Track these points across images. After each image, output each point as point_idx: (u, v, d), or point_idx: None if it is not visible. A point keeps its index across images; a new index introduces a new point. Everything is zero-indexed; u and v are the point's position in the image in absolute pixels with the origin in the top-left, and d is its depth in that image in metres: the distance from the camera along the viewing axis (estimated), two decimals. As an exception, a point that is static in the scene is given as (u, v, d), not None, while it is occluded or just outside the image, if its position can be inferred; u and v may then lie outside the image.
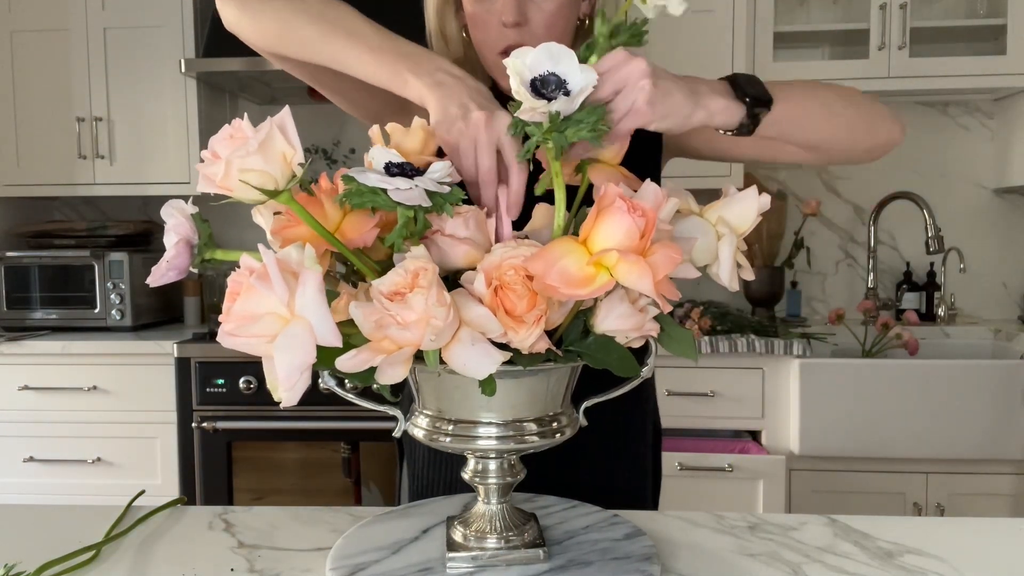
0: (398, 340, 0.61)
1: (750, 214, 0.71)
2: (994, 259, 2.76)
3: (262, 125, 0.66)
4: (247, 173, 0.65)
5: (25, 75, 2.67)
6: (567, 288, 0.61)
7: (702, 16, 2.45)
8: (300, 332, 0.59)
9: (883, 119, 0.93)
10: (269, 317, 0.60)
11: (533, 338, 0.63)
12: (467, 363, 0.62)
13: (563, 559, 0.76)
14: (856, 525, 0.89)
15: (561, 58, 0.64)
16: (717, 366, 2.23)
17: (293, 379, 0.59)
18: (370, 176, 0.62)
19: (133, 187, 2.66)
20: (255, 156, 0.64)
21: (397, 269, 0.62)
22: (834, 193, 2.80)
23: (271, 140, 0.65)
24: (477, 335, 0.62)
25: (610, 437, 1.05)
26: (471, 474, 0.77)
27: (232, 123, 0.67)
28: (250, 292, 0.60)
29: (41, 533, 0.91)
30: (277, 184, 0.66)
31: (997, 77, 2.43)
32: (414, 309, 0.60)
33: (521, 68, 0.64)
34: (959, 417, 2.11)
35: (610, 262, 0.61)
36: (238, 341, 0.61)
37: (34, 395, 2.45)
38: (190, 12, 2.58)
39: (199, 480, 2.37)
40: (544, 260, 0.62)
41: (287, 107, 0.69)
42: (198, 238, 0.71)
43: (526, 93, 0.63)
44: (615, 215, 0.62)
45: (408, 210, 0.64)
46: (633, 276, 0.60)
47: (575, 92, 0.64)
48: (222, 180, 0.66)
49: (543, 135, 0.65)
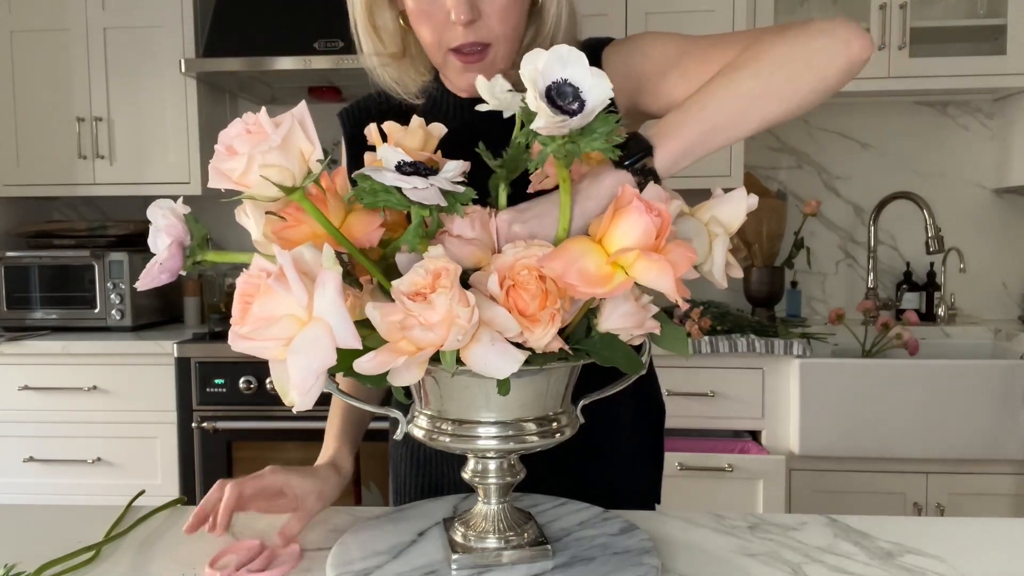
0: (421, 341, 0.60)
1: (740, 214, 0.72)
2: (994, 259, 2.76)
3: (282, 119, 0.64)
4: (268, 169, 0.63)
5: (25, 75, 2.67)
6: (586, 287, 0.61)
7: (702, 16, 2.45)
8: (319, 334, 0.58)
9: (824, 51, 0.78)
10: (287, 319, 0.58)
11: (549, 337, 0.63)
12: (487, 363, 0.61)
13: (566, 556, 0.76)
14: (856, 525, 0.89)
15: (570, 61, 0.63)
16: (717, 366, 2.23)
17: (309, 383, 0.58)
18: (387, 175, 0.62)
19: (133, 187, 2.66)
20: (276, 152, 0.62)
21: (416, 269, 0.61)
22: (834, 193, 2.80)
23: (292, 135, 0.64)
24: (496, 335, 0.62)
25: (597, 434, 1.04)
26: (471, 474, 0.77)
27: (244, 118, 0.65)
28: (268, 294, 0.59)
29: (41, 533, 0.91)
30: (295, 181, 0.64)
31: (997, 77, 2.43)
32: (438, 310, 0.59)
33: (535, 75, 0.62)
34: (959, 417, 2.11)
35: (627, 261, 0.61)
36: (253, 345, 0.59)
37: (34, 395, 2.45)
38: (190, 12, 2.57)
39: (199, 480, 2.37)
40: (563, 259, 0.62)
41: (303, 102, 0.67)
42: (190, 239, 0.69)
43: (546, 108, 0.61)
44: (633, 215, 0.62)
45: (424, 210, 0.64)
46: (652, 275, 0.60)
47: (592, 106, 0.62)
48: (240, 176, 0.63)
49: (559, 148, 0.64)
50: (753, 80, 0.76)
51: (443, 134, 0.78)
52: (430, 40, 0.93)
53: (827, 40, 0.78)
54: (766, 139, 2.79)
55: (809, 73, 0.77)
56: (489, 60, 0.92)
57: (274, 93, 2.79)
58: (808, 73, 0.77)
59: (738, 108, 0.76)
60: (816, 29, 0.79)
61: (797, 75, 0.77)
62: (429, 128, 0.77)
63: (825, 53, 0.77)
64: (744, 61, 0.78)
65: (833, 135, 2.79)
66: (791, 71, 0.77)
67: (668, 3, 2.46)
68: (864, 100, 2.74)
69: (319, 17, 2.44)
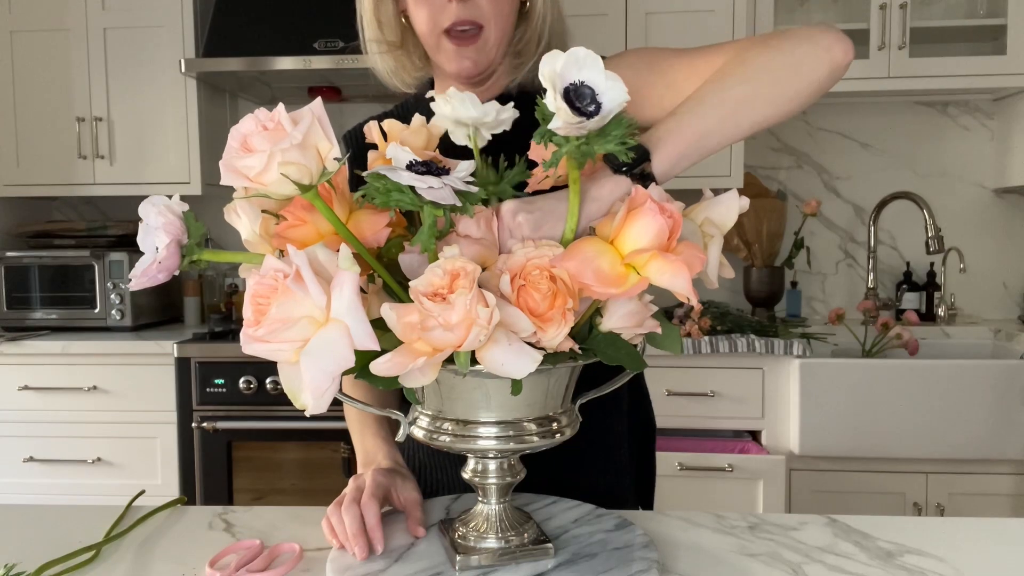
0: (440, 342, 0.59)
1: (732, 215, 0.73)
2: (994, 259, 2.76)
3: (300, 115, 0.63)
4: (288, 166, 0.62)
5: (25, 75, 2.66)
6: (601, 287, 0.62)
7: (702, 16, 2.45)
8: (337, 336, 0.57)
9: (808, 57, 0.81)
10: (304, 321, 0.58)
11: (561, 336, 0.63)
12: (505, 364, 0.61)
13: (568, 553, 0.76)
14: (856, 525, 0.89)
15: (586, 64, 0.64)
16: (717, 366, 2.23)
17: (325, 385, 0.57)
18: (403, 174, 0.61)
19: (133, 187, 2.66)
20: (296, 149, 0.62)
21: (434, 269, 0.61)
22: (834, 193, 2.80)
23: (312, 133, 0.63)
24: (512, 335, 0.62)
25: (595, 440, 1.05)
26: (471, 474, 0.77)
27: (256, 114, 0.64)
28: (286, 295, 0.58)
29: (41, 533, 0.91)
30: (312, 179, 0.64)
31: (997, 77, 2.43)
32: (457, 310, 0.58)
33: (554, 76, 0.63)
34: (959, 417, 2.11)
35: (641, 262, 0.61)
36: (268, 347, 0.58)
37: (34, 395, 2.45)
38: (190, 12, 2.57)
39: (199, 480, 2.37)
40: (578, 260, 0.62)
41: (319, 99, 0.66)
42: (188, 238, 0.68)
43: (566, 109, 0.62)
44: (646, 216, 0.63)
45: (438, 209, 0.63)
46: (667, 275, 0.61)
47: (609, 108, 0.63)
48: (259, 174, 0.62)
49: (574, 149, 0.65)
50: (742, 86, 0.80)
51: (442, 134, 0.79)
52: (426, 24, 0.98)
53: (809, 47, 0.82)
54: (766, 139, 2.79)
55: (795, 78, 0.81)
56: (481, 42, 0.98)
57: (274, 93, 2.79)
58: (794, 78, 0.81)
59: (729, 113, 0.79)
60: (799, 37, 0.83)
61: (784, 80, 0.81)
62: (431, 126, 0.77)
63: (809, 59, 0.82)
64: (732, 68, 0.82)
65: (833, 135, 2.79)
66: (778, 76, 0.81)
67: (668, 3, 2.46)
68: (864, 100, 2.74)
69: (319, 17, 2.44)
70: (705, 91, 0.80)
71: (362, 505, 0.82)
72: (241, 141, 0.63)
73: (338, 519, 0.81)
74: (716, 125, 0.78)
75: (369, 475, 0.88)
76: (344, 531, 0.80)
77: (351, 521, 0.80)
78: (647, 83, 0.94)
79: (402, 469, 0.93)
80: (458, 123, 0.72)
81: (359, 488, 0.85)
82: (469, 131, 0.72)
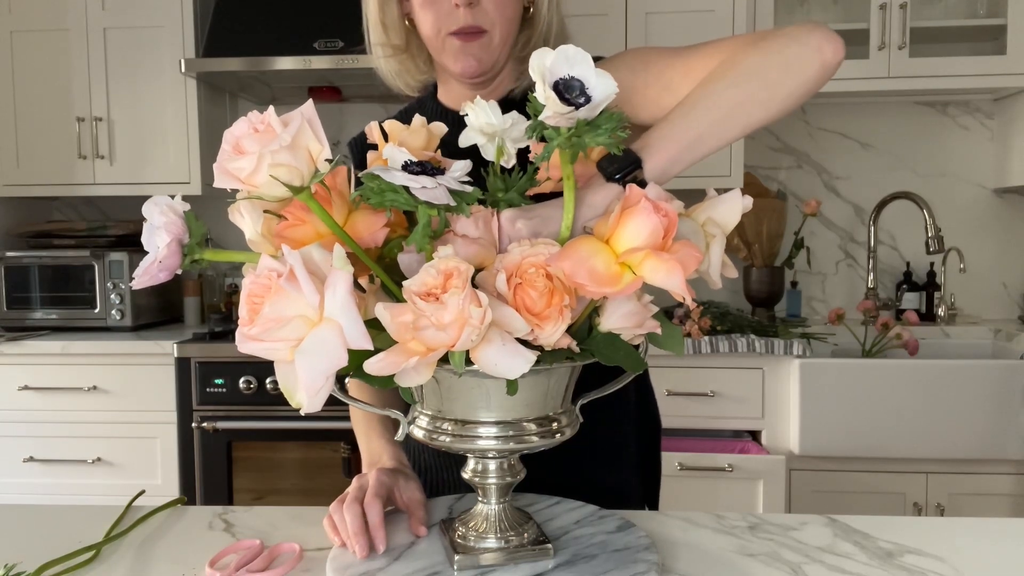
0: (432, 342, 0.59)
1: (735, 214, 0.73)
2: (994, 259, 2.76)
3: (290, 117, 0.64)
4: (277, 168, 0.62)
5: (25, 75, 2.66)
6: (596, 286, 0.61)
7: (702, 16, 2.45)
8: (330, 335, 0.57)
9: (798, 57, 0.81)
10: (298, 320, 0.58)
11: (559, 333, 0.63)
12: (499, 363, 0.61)
13: (567, 554, 0.76)
14: (856, 525, 0.89)
15: (576, 61, 0.64)
16: (717, 366, 2.23)
17: (318, 384, 0.57)
18: (396, 174, 0.61)
19: (133, 187, 2.66)
20: (285, 151, 0.62)
21: (427, 269, 0.61)
22: (834, 193, 2.80)
23: (302, 134, 0.63)
24: (506, 335, 0.62)
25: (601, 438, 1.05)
26: (471, 474, 0.77)
27: (249, 116, 0.64)
28: (279, 295, 0.58)
29: (41, 533, 0.91)
30: (303, 180, 0.64)
31: (997, 77, 2.43)
32: (450, 310, 0.59)
33: (543, 70, 0.64)
34: (959, 417, 2.11)
35: (635, 261, 0.61)
36: (262, 346, 0.59)
37: (34, 395, 2.45)
38: (190, 12, 2.57)
39: (199, 480, 2.37)
40: (572, 259, 0.62)
41: (310, 101, 0.67)
42: (189, 237, 0.69)
43: (554, 98, 0.63)
44: (641, 215, 0.62)
45: (432, 209, 0.64)
46: (661, 274, 0.61)
47: (598, 99, 0.64)
48: (250, 175, 0.63)
49: (564, 140, 0.65)
50: (733, 89, 0.80)
51: (443, 133, 0.79)
52: (431, 28, 0.99)
53: (799, 47, 0.82)
54: (766, 139, 2.79)
55: (786, 79, 0.81)
56: (486, 39, 0.98)
57: (274, 93, 2.79)
58: (785, 79, 0.81)
59: (721, 116, 0.79)
60: (789, 36, 0.83)
61: (774, 82, 0.81)
62: (431, 127, 0.77)
63: (799, 59, 0.82)
64: (723, 71, 0.82)
65: (833, 135, 2.79)
66: (768, 78, 0.81)
67: (668, 3, 2.46)
68: (864, 100, 2.74)
69: (319, 17, 2.44)
70: (697, 96, 0.80)
71: (365, 504, 0.82)
72: (233, 144, 0.64)
73: (340, 517, 0.81)
74: (708, 129, 0.78)
75: (373, 474, 0.88)
76: (346, 529, 0.80)
77: (353, 519, 0.80)
78: (644, 84, 0.95)
79: (406, 469, 0.93)
80: (489, 135, 0.72)
81: (362, 487, 0.86)
82: (498, 142, 0.72)
